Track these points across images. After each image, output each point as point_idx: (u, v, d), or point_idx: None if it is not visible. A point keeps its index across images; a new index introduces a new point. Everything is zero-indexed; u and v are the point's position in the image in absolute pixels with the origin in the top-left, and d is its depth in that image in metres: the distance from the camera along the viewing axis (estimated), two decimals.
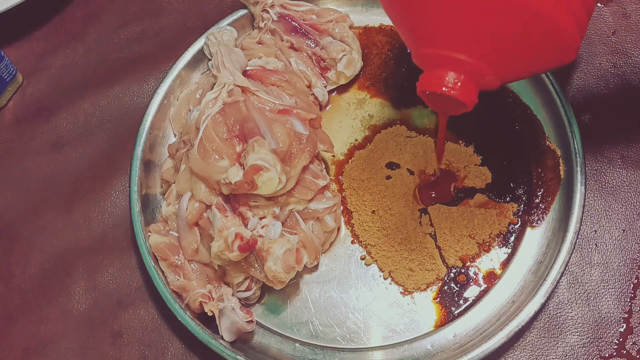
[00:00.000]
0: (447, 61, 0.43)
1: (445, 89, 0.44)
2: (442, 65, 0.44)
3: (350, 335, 0.53)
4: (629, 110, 0.60)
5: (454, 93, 0.43)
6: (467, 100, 0.44)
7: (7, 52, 0.71)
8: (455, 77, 0.43)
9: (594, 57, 0.62)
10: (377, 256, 0.55)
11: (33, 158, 0.65)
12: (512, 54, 0.43)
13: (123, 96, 0.67)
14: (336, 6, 0.66)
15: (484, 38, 0.42)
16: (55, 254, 0.60)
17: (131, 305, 0.57)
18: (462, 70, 0.43)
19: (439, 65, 0.44)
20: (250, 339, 0.53)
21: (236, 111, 0.53)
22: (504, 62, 0.43)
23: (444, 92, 0.44)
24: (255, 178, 0.49)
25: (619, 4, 0.65)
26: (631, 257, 0.54)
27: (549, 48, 0.43)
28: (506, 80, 0.45)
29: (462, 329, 0.52)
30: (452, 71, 0.44)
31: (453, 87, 0.43)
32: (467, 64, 0.43)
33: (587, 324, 0.52)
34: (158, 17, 0.72)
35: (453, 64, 0.43)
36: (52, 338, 0.57)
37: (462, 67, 0.43)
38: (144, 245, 0.54)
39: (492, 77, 0.44)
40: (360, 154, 0.60)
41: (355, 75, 0.63)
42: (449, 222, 0.55)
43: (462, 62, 0.43)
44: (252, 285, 0.53)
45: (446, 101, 0.45)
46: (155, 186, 0.60)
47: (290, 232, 0.53)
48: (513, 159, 0.58)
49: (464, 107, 0.45)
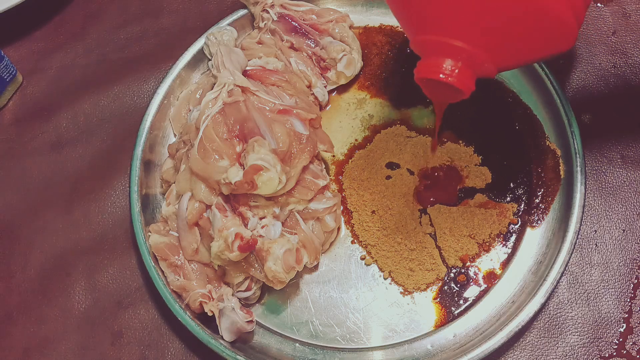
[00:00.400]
0: (445, 48, 0.43)
1: (442, 75, 0.43)
2: (440, 52, 0.44)
3: (350, 335, 0.53)
4: (629, 110, 0.60)
5: (451, 80, 0.43)
6: (464, 87, 0.44)
7: (7, 52, 0.71)
8: (452, 64, 0.43)
9: (594, 57, 0.62)
10: (377, 256, 0.55)
11: (33, 158, 0.65)
12: (509, 41, 0.43)
13: (123, 96, 0.67)
14: (336, 6, 0.66)
15: (481, 25, 0.42)
16: (55, 254, 0.60)
17: (131, 305, 0.57)
18: (459, 57, 0.43)
19: (436, 52, 0.44)
20: (250, 339, 0.53)
21: (236, 111, 0.53)
22: (501, 49, 0.43)
23: (441, 79, 0.44)
24: (255, 178, 0.49)
25: (619, 4, 0.65)
26: (631, 257, 0.54)
27: (546, 36, 0.43)
28: (503, 67, 0.45)
29: (462, 329, 0.52)
30: (449, 58, 0.43)
31: (450, 74, 0.43)
32: (464, 50, 0.43)
33: (587, 324, 0.52)
34: (158, 17, 0.72)
35: (450, 50, 0.43)
36: (52, 338, 0.57)
37: (459, 54, 0.43)
38: (144, 245, 0.54)
39: (489, 65, 0.44)
40: (360, 154, 0.60)
41: (355, 75, 0.63)
42: (449, 222, 0.55)
43: (459, 49, 0.43)
44: (252, 285, 0.53)
45: (443, 88, 0.45)
46: (155, 186, 0.60)
47: (290, 232, 0.53)
48: (513, 159, 0.58)
49: (461, 94, 0.45)
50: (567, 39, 0.43)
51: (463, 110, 0.60)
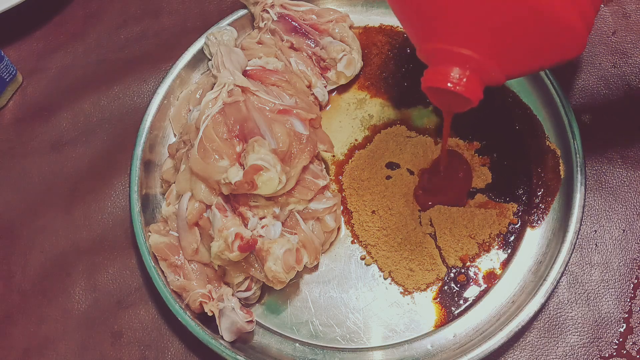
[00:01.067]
0: (452, 56, 0.43)
1: (450, 84, 0.43)
2: (447, 60, 0.43)
3: (350, 335, 0.53)
4: (629, 110, 0.59)
5: (459, 89, 0.43)
6: (472, 96, 0.43)
7: (7, 52, 0.71)
8: (460, 73, 0.43)
9: (594, 57, 0.62)
10: (377, 256, 0.55)
11: (33, 158, 0.65)
12: (518, 49, 0.42)
13: (123, 96, 0.67)
14: (336, 6, 0.66)
15: (489, 33, 0.41)
16: (55, 254, 0.60)
17: (131, 305, 0.57)
18: (467, 66, 0.43)
19: (443, 60, 0.44)
20: (250, 339, 0.53)
21: (236, 111, 0.53)
22: (509, 58, 0.43)
23: (449, 88, 0.43)
24: (255, 178, 0.49)
25: (619, 4, 0.65)
26: (631, 257, 0.54)
27: (555, 44, 0.42)
28: (512, 75, 0.45)
29: (462, 329, 0.52)
30: (457, 67, 0.43)
31: (458, 82, 0.43)
32: (473, 59, 0.42)
33: (587, 324, 0.52)
34: (158, 17, 0.72)
35: (458, 59, 0.43)
36: (52, 338, 0.57)
37: (467, 62, 0.43)
38: (144, 245, 0.54)
39: (498, 73, 0.43)
40: (360, 154, 0.60)
41: (355, 75, 0.63)
42: (449, 222, 0.55)
43: (467, 58, 0.42)
44: (252, 285, 0.53)
45: (451, 97, 0.44)
46: (155, 186, 0.60)
47: (290, 232, 0.53)
48: (513, 159, 0.58)
49: (469, 103, 0.44)
50: (576, 46, 0.43)
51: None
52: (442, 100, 0.47)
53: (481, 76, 0.43)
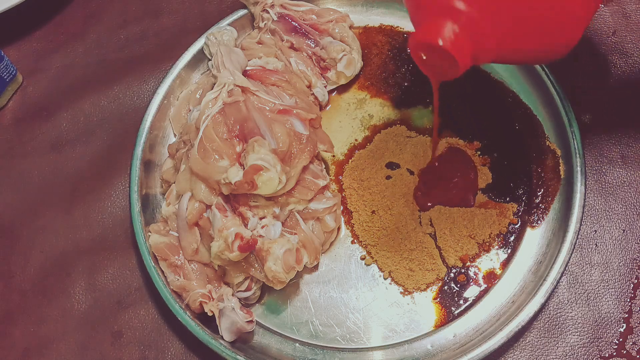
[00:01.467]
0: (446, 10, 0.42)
1: (440, 41, 0.42)
2: (440, 14, 0.42)
3: (350, 335, 0.53)
4: (629, 110, 0.60)
5: (448, 45, 0.42)
6: (459, 56, 0.42)
7: (7, 52, 0.71)
8: (451, 30, 0.42)
9: (594, 57, 0.62)
10: (377, 256, 0.55)
11: (33, 158, 0.65)
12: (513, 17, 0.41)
13: (123, 96, 0.67)
14: (336, 6, 0.66)
15: None
16: (55, 254, 0.60)
17: (131, 305, 0.57)
18: (458, 21, 0.42)
19: (436, 14, 0.43)
20: (250, 339, 0.53)
21: (236, 111, 0.53)
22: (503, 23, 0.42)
23: (437, 44, 0.42)
24: (255, 178, 0.49)
25: (619, 4, 0.65)
26: (631, 257, 0.54)
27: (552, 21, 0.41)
28: (502, 50, 0.44)
29: (462, 329, 0.52)
30: (448, 21, 0.42)
31: (447, 40, 0.42)
32: (465, 14, 0.41)
33: (587, 324, 0.52)
34: (158, 17, 0.72)
35: (451, 13, 0.42)
36: (52, 338, 0.57)
37: (460, 17, 0.42)
38: (144, 245, 0.54)
39: (489, 38, 0.42)
40: (360, 154, 0.60)
41: (355, 75, 0.63)
42: (449, 222, 0.55)
43: (460, 12, 0.41)
44: (252, 285, 0.53)
45: (438, 61, 0.43)
46: (155, 186, 0.60)
47: (290, 232, 0.53)
48: (513, 159, 0.58)
49: (456, 66, 0.43)
50: (570, 33, 0.42)
51: (463, 110, 0.60)
52: (429, 65, 0.46)
53: (471, 37, 0.42)
